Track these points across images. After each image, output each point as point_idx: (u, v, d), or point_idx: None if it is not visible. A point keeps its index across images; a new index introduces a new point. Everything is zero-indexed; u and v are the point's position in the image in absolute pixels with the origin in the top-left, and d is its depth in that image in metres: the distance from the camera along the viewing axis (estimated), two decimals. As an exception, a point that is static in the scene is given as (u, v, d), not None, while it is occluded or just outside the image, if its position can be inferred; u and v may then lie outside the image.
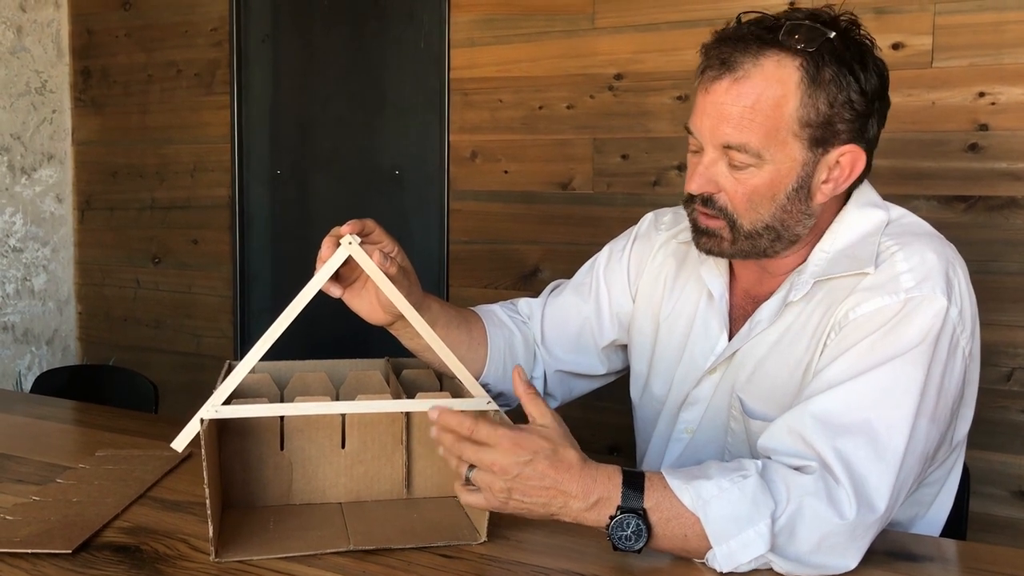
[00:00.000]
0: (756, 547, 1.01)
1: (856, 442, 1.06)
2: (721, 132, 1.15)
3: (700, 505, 1.03)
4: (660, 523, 1.04)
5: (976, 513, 1.76)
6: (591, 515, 1.05)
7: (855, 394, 1.08)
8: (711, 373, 1.30)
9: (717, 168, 1.18)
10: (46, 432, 1.64)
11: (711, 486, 1.04)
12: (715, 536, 1.02)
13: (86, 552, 1.11)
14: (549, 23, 2.60)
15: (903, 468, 1.07)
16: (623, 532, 1.03)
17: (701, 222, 1.22)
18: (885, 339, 1.10)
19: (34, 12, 3.34)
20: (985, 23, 2.09)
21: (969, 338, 1.15)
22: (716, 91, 1.15)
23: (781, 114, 1.13)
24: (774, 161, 1.15)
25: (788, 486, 1.04)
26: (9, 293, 3.31)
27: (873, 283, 1.14)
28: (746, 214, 1.18)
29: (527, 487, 1.04)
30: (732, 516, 1.02)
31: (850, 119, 1.15)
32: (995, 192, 2.11)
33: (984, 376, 2.00)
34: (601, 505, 1.04)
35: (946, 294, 1.12)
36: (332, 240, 1.14)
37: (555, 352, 1.45)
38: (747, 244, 1.21)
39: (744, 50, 1.14)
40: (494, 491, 1.04)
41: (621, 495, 1.04)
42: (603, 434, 2.56)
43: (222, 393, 1.12)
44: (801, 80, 1.13)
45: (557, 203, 2.64)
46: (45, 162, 3.41)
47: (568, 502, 1.04)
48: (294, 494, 1.25)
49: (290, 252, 3.13)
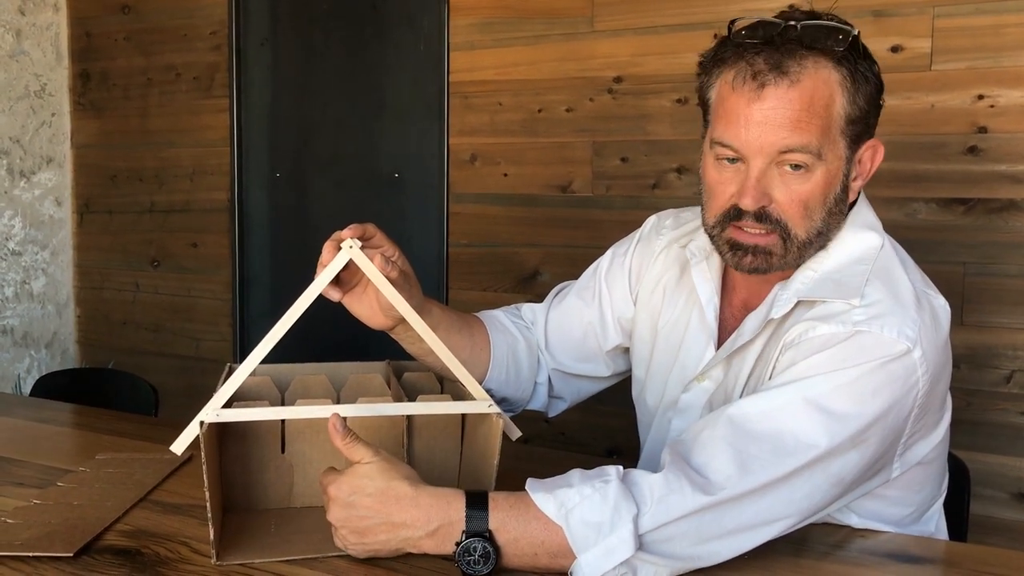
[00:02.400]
0: (620, 553, 1.00)
1: (760, 447, 1.05)
2: (777, 138, 1.12)
3: (563, 515, 1.01)
4: (508, 543, 1.02)
5: (977, 515, 1.76)
6: (433, 542, 1.04)
7: (776, 403, 1.07)
8: (700, 380, 1.29)
9: (768, 179, 1.14)
10: (46, 435, 1.64)
11: (573, 494, 1.02)
12: (577, 544, 1.00)
13: (87, 555, 1.11)
14: (548, 26, 2.60)
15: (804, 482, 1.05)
16: (470, 557, 1.01)
17: (749, 241, 1.17)
18: (822, 359, 1.09)
19: (33, 15, 3.34)
20: (984, 26, 2.09)
21: (928, 380, 1.11)
22: (767, 97, 1.11)
23: (831, 113, 1.13)
24: (827, 161, 1.14)
25: (651, 486, 1.03)
26: (8, 296, 3.31)
27: (828, 312, 1.13)
28: (801, 223, 1.15)
29: (361, 528, 1.05)
30: (595, 523, 1.00)
31: (876, 112, 1.17)
32: (994, 194, 2.11)
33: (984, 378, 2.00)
34: (444, 531, 1.03)
35: (904, 336, 1.09)
36: (333, 244, 1.14)
37: (559, 357, 1.45)
38: (796, 256, 1.18)
39: (787, 53, 1.12)
40: (344, 540, 1.06)
41: (465, 518, 1.03)
42: (602, 437, 2.56)
43: (222, 396, 1.12)
44: (843, 79, 1.12)
45: (556, 206, 2.64)
46: (44, 165, 3.41)
47: (406, 533, 1.04)
48: (295, 497, 1.25)
49: (289, 255, 3.13)
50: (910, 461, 1.19)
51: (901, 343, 1.08)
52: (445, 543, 1.04)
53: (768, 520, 1.06)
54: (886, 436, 1.11)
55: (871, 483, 1.17)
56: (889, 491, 1.20)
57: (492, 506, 1.04)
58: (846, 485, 1.11)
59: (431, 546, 1.04)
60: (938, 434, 1.22)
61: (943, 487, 1.31)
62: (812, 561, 1.11)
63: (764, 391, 1.11)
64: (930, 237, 2.15)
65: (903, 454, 1.17)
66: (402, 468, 1.07)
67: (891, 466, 1.17)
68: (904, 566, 1.10)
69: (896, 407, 1.09)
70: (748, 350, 1.23)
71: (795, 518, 1.08)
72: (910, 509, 1.25)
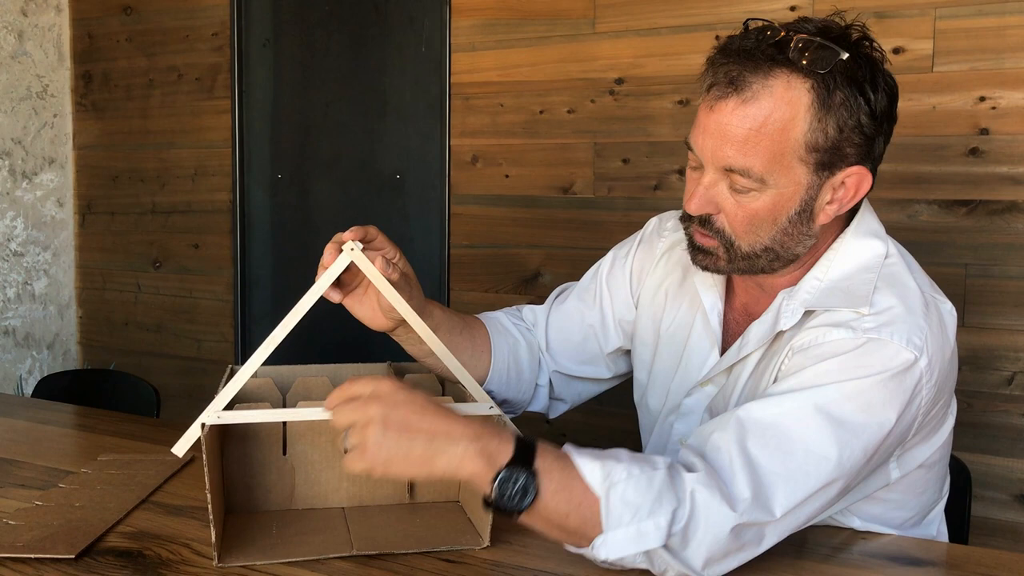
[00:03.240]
0: (650, 539, 0.98)
1: (770, 454, 1.03)
2: (723, 154, 1.11)
3: (605, 486, 0.98)
4: (548, 492, 0.98)
5: (978, 517, 1.76)
6: (472, 465, 0.97)
7: (786, 408, 1.06)
8: (704, 385, 1.29)
9: (717, 189, 1.14)
10: (48, 436, 1.64)
11: (620, 469, 0.99)
12: (611, 520, 0.98)
13: (89, 557, 1.11)
14: (550, 28, 2.60)
15: (810, 491, 1.04)
16: (510, 487, 0.96)
17: (697, 240, 1.20)
18: (832, 366, 1.08)
19: (35, 17, 3.34)
20: (986, 27, 2.09)
21: (932, 388, 1.11)
22: (721, 110, 1.10)
23: (787, 138, 1.09)
24: (777, 186, 1.11)
25: (687, 484, 1.01)
26: (10, 297, 3.31)
27: (839, 318, 1.12)
28: (745, 236, 1.15)
29: (403, 418, 0.97)
30: (634, 504, 0.98)
31: (859, 142, 1.11)
32: (996, 196, 2.11)
33: (985, 380, 2.00)
34: (487, 454, 0.97)
35: (912, 344, 1.08)
36: (334, 247, 1.14)
37: (560, 359, 1.45)
38: (744, 263, 1.18)
39: (754, 68, 1.08)
40: (368, 437, 0.97)
41: (515, 447, 0.98)
42: (603, 438, 2.56)
43: (224, 398, 1.12)
44: (811, 103, 1.08)
45: (558, 207, 2.64)
46: (46, 166, 3.41)
47: (445, 445, 0.97)
48: (297, 499, 1.25)
49: (291, 256, 3.13)
50: (911, 464, 1.19)
51: (909, 352, 1.08)
52: (487, 468, 0.97)
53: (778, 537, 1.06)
54: (891, 444, 1.11)
55: (868, 485, 1.17)
56: (891, 494, 1.20)
57: (540, 452, 1.00)
58: (848, 491, 1.12)
59: (469, 468, 0.97)
60: (940, 438, 1.22)
61: (945, 490, 1.31)
62: (813, 563, 1.11)
63: (774, 395, 1.09)
64: (932, 239, 2.15)
65: (902, 456, 1.17)
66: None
67: (888, 467, 1.17)
68: (905, 569, 1.10)
69: (902, 415, 1.09)
70: (750, 355, 1.23)
71: (800, 527, 1.08)
72: (912, 512, 1.25)
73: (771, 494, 1.02)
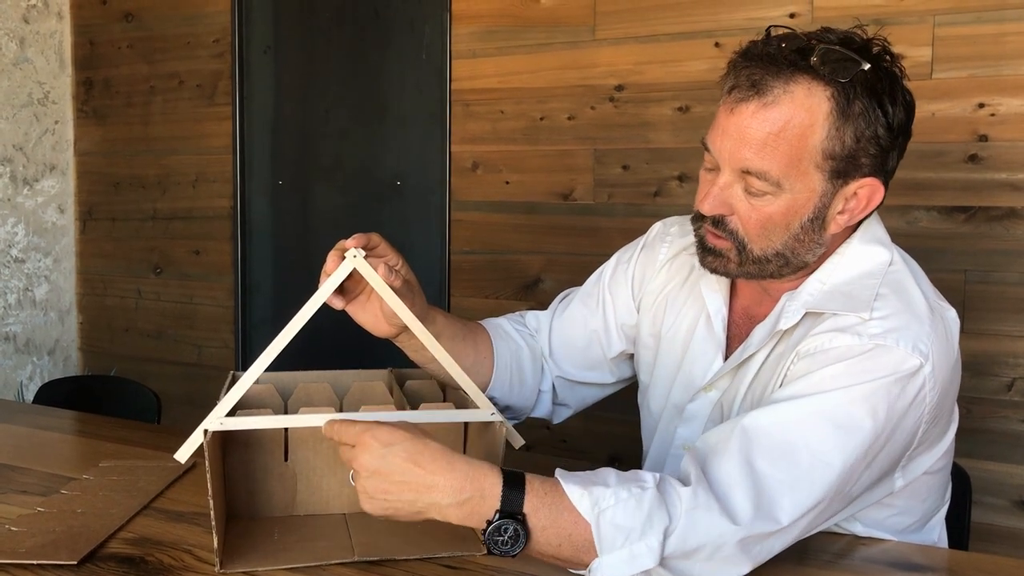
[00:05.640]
0: (644, 561, 0.99)
1: (774, 462, 1.04)
2: (741, 156, 1.11)
3: (595, 513, 1.00)
4: (538, 530, 1.01)
5: (977, 523, 1.76)
6: (461, 513, 1.02)
7: (791, 414, 1.06)
8: (707, 391, 1.29)
9: (732, 191, 1.15)
10: (49, 443, 1.64)
11: (609, 494, 1.01)
12: (604, 545, 1.00)
13: (91, 563, 1.11)
14: (550, 34, 2.61)
15: (817, 499, 1.04)
16: (500, 537, 1.00)
17: (708, 241, 1.20)
18: (838, 371, 1.08)
19: (37, 23, 3.35)
20: (984, 34, 2.10)
21: (936, 395, 1.11)
22: (742, 113, 1.11)
23: (806, 144, 1.10)
24: (792, 191, 1.12)
25: (682, 499, 1.01)
26: (11, 303, 3.32)
27: (845, 323, 1.12)
28: (757, 240, 1.16)
29: (389, 484, 1.02)
30: (625, 527, 1.00)
31: (874, 153, 1.13)
32: (995, 203, 2.12)
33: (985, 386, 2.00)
34: (475, 504, 1.01)
35: (918, 350, 1.08)
36: (337, 254, 1.14)
37: (563, 365, 1.45)
38: (754, 268, 1.19)
39: (776, 73, 1.09)
40: (365, 491, 1.03)
41: (501, 497, 1.01)
42: (604, 444, 2.56)
43: (226, 404, 1.12)
44: (831, 111, 1.09)
45: (558, 214, 2.64)
46: (47, 173, 3.42)
47: (434, 497, 1.01)
48: (298, 505, 1.25)
49: (292, 262, 3.13)
50: (915, 472, 1.19)
51: (915, 358, 1.08)
52: (474, 516, 1.01)
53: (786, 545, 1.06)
54: (894, 451, 1.12)
55: (873, 494, 1.17)
56: (895, 500, 1.20)
57: (528, 489, 1.02)
58: (852, 500, 1.12)
59: (458, 516, 1.02)
60: (943, 445, 1.22)
61: (947, 496, 1.32)
62: (815, 570, 1.11)
63: (778, 402, 1.09)
64: (931, 245, 2.15)
65: (906, 465, 1.17)
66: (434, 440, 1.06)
67: (893, 476, 1.17)
68: (906, 574, 1.10)
69: (905, 422, 1.10)
70: (753, 359, 1.23)
71: (809, 533, 1.09)
72: (915, 518, 1.25)
73: (776, 503, 1.02)
